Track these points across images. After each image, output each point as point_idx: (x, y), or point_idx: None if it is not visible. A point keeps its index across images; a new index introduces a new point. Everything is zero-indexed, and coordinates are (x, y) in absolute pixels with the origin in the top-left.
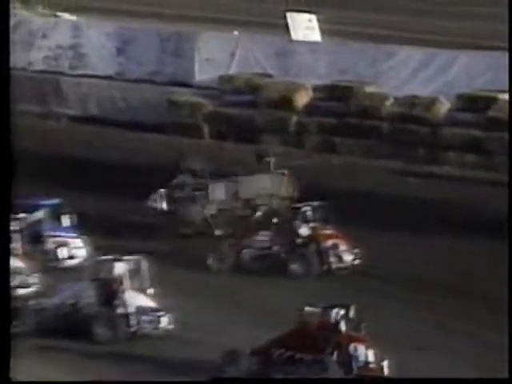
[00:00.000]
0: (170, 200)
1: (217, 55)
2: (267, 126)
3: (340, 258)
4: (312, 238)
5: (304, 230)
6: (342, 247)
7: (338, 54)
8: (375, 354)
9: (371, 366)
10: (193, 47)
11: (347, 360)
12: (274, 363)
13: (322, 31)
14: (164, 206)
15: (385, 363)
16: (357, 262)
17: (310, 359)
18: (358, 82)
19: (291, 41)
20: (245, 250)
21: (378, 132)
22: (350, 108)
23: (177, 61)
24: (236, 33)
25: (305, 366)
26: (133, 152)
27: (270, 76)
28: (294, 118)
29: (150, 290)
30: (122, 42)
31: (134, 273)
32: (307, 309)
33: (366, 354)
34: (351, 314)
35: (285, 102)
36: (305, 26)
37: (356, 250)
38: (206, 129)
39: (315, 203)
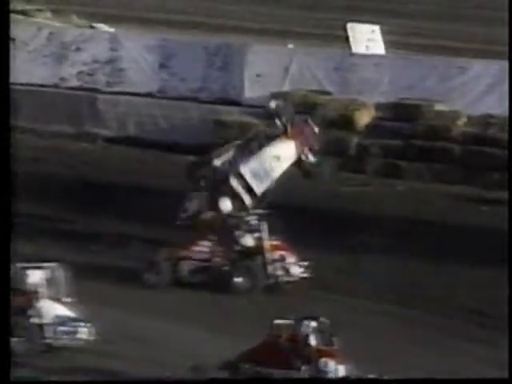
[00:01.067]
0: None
1: (269, 70)
2: (324, 148)
3: (287, 271)
4: (257, 250)
5: (248, 241)
6: (290, 259)
7: (404, 69)
8: (346, 369)
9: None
10: (242, 61)
11: (315, 375)
12: (242, 378)
13: (386, 43)
14: None
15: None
16: (306, 275)
17: (280, 374)
18: (426, 100)
19: (352, 54)
20: (182, 262)
21: (449, 155)
22: (417, 128)
23: (224, 76)
24: (290, 45)
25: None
26: (175, 177)
27: (327, 93)
28: (355, 140)
29: (67, 299)
30: (164, 55)
31: (51, 281)
32: (276, 321)
33: (336, 369)
34: (323, 326)
35: (344, 122)
36: (367, 38)
37: (305, 263)
38: None
39: (262, 211)
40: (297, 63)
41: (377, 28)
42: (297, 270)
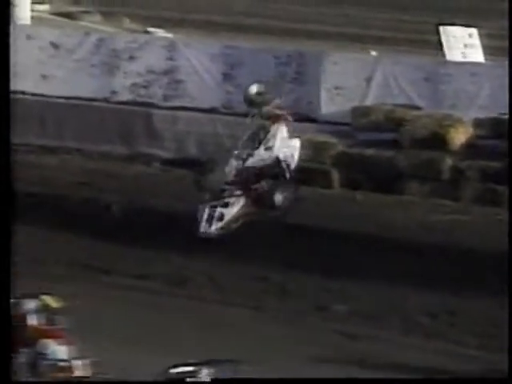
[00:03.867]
0: None
1: (348, 82)
2: (413, 171)
3: None
4: None
5: None
6: None
7: (506, 79)
8: (70, 351)
9: (63, 364)
10: (318, 71)
11: (34, 358)
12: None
13: (485, 49)
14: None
15: (82, 362)
16: None
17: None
18: None
19: (445, 62)
20: None
21: None
22: None
23: (297, 89)
24: (373, 53)
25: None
26: None
27: (417, 108)
28: (448, 161)
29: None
30: (229, 65)
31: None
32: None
33: (56, 350)
34: (52, 303)
35: (436, 141)
36: (463, 43)
37: None
38: (334, 175)
39: None
40: (381, 73)
41: (475, 31)
42: None
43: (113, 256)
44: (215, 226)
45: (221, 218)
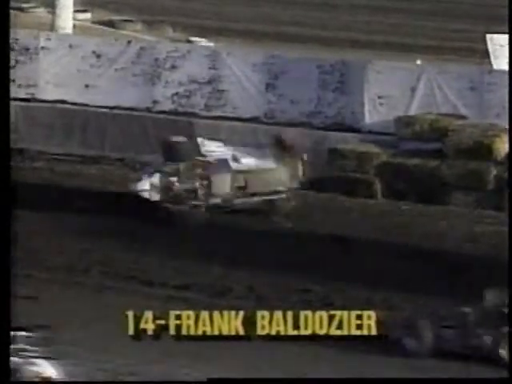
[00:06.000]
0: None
1: (393, 91)
2: (458, 182)
3: None
4: None
5: None
6: None
7: None
8: None
9: None
10: (361, 81)
11: None
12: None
13: None
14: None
15: None
16: None
17: None
18: None
19: (491, 71)
20: None
21: None
22: None
23: (341, 98)
24: (418, 61)
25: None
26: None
27: (462, 117)
28: (493, 172)
29: None
30: (272, 74)
31: None
32: None
33: None
34: None
35: (481, 151)
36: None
37: None
38: (377, 185)
39: None
40: (426, 82)
41: None
42: None
43: (155, 267)
44: None
45: None
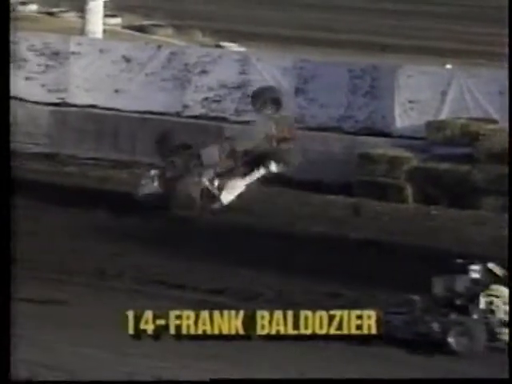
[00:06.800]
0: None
1: (423, 95)
2: (489, 186)
3: None
4: None
5: None
6: None
7: None
8: None
9: None
10: (392, 85)
11: None
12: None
13: None
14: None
15: None
16: None
17: None
18: None
19: None
20: None
21: None
22: None
23: (371, 103)
24: (449, 66)
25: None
26: (314, 219)
27: (493, 121)
28: None
29: None
30: (302, 79)
31: None
32: None
33: None
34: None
35: None
36: None
37: None
38: (408, 190)
39: None
40: (456, 86)
41: None
42: None
43: (185, 270)
44: None
45: None
